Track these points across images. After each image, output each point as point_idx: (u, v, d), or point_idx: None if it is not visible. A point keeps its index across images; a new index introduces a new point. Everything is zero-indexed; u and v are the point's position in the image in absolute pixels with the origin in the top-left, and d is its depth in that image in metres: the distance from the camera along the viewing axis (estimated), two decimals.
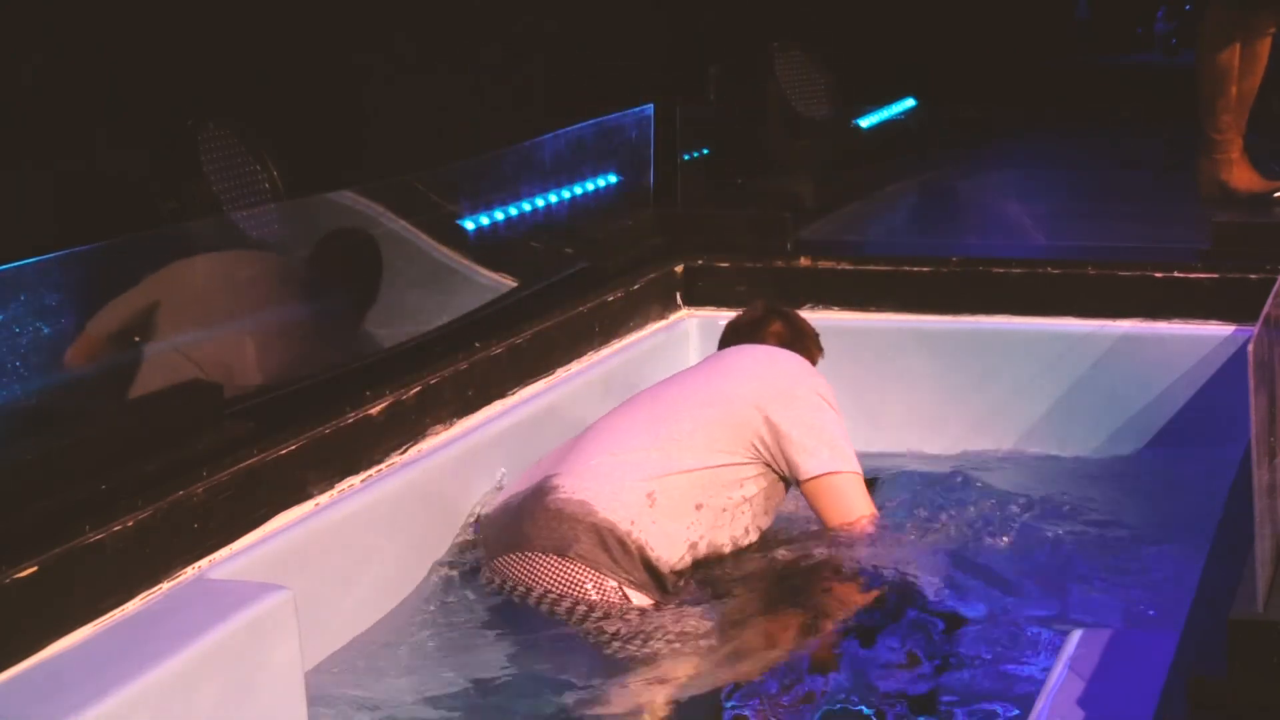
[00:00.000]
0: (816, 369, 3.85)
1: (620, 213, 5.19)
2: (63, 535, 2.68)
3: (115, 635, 2.70)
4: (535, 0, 5.80)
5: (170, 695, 2.60)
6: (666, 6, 6.62)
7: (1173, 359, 4.43)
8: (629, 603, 3.34)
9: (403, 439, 3.54)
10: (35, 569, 2.59)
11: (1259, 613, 2.07)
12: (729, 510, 3.50)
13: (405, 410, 3.55)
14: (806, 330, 4.05)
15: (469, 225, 4.84)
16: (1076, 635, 2.56)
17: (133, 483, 2.88)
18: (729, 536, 3.51)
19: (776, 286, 4.71)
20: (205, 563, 2.96)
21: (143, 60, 4.05)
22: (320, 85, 4.72)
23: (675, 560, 3.42)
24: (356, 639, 3.30)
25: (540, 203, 5.13)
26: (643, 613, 3.33)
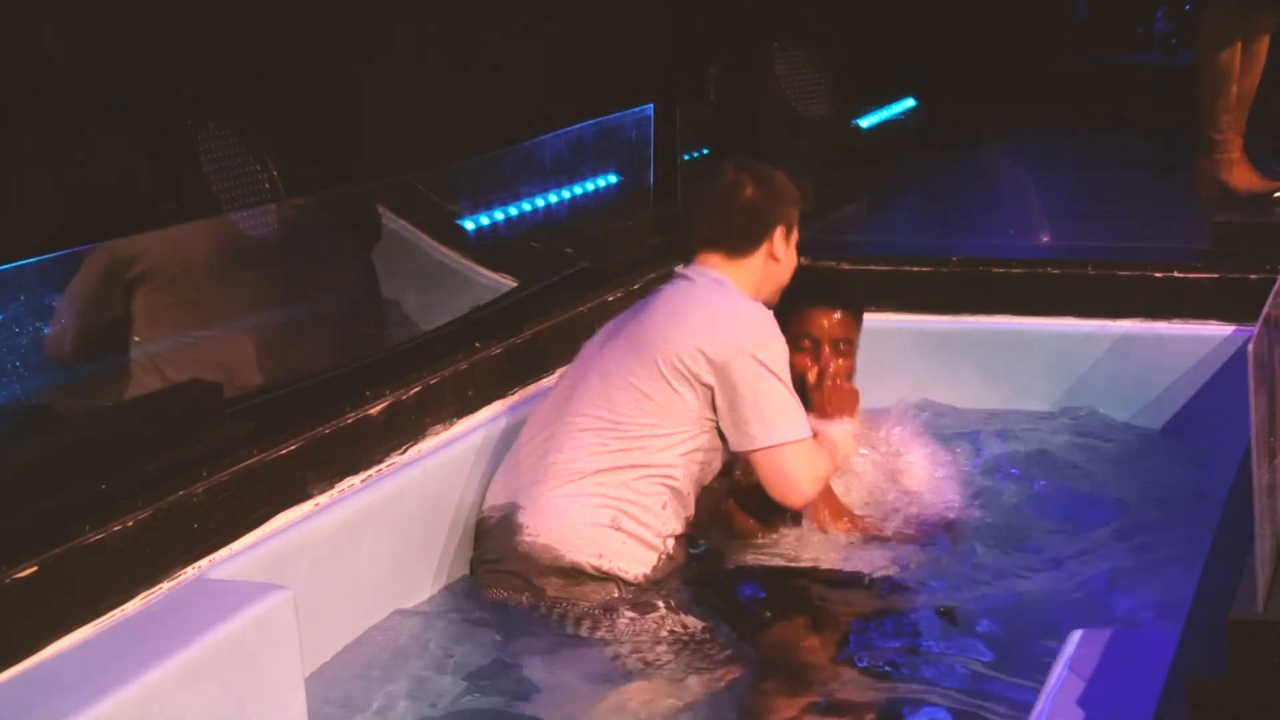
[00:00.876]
0: (758, 316, 3.54)
1: (620, 213, 5.19)
2: (63, 535, 2.68)
3: (115, 635, 2.70)
4: (535, 0, 5.79)
5: (170, 695, 2.60)
6: (667, 6, 6.62)
7: (1173, 359, 4.44)
8: (620, 611, 3.33)
9: (403, 439, 3.54)
10: (35, 569, 2.59)
11: (1259, 613, 2.07)
12: (693, 479, 3.52)
13: (405, 410, 3.55)
14: (783, 190, 3.74)
15: (469, 225, 4.84)
16: (1076, 635, 2.56)
17: (133, 483, 2.88)
18: (695, 489, 3.54)
19: None
20: (205, 563, 2.96)
21: (143, 60, 4.05)
22: (320, 85, 4.71)
23: (656, 556, 3.44)
24: (356, 639, 3.30)
25: (540, 203, 5.14)
26: (634, 619, 3.32)
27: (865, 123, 7.12)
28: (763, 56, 6.28)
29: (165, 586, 2.86)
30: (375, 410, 3.47)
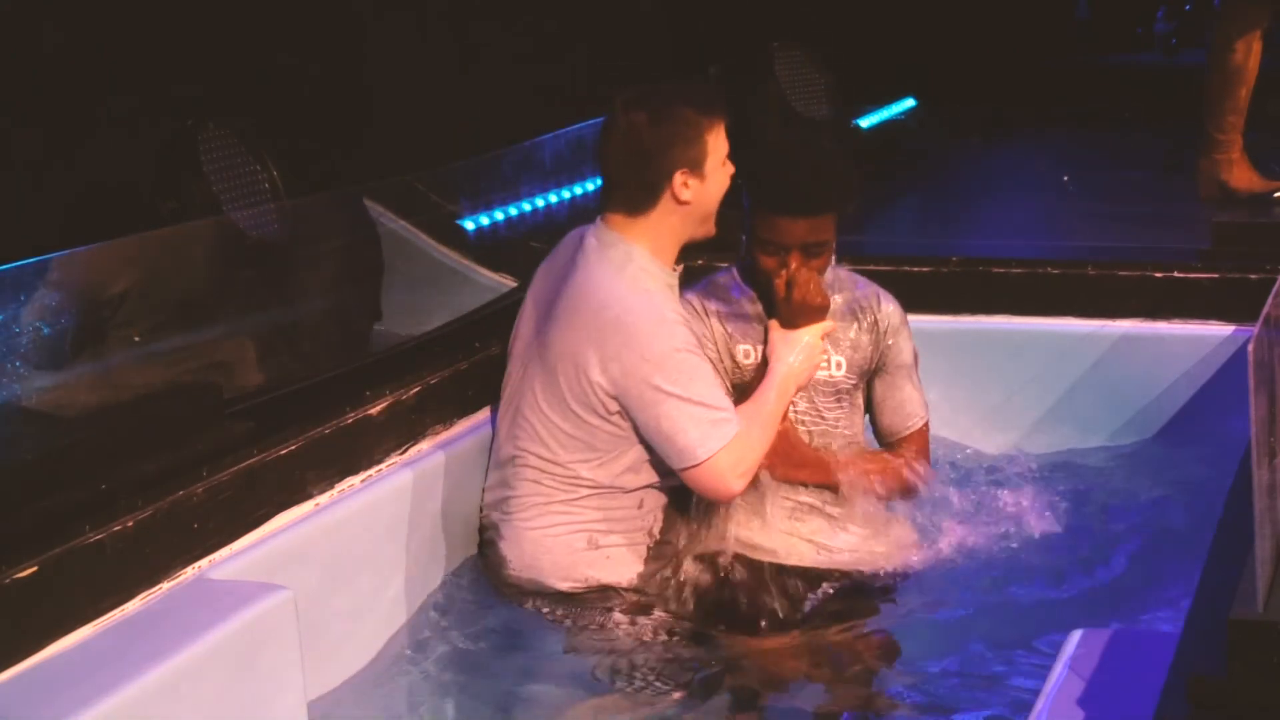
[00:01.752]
0: (647, 328, 3.23)
1: None
2: (63, 535, 2.68)
3: (115, 635, 2.70)
4: (535, 1, 5.79)
5: (170, 695, 2.60)
6: (667, 6, 6.62)
7: (1173, 359, 4.43)
8: (618, 618, 3.33)
9: (403, 439, 3.54)
10: (35, 569, 2.59)
11: (1259, 613, 2.07)
12: (657, 467, 3.36)
13: (405, 410, 3.55)
14: (680, 120, 3.29)
15: (469, 225, 4.84)
16: (1076, 635, 2.56)
17: (133, 483, 2.88)
18: (664, 467, 3.38)
19: None
20: (205, 563, 2.96)
21: (143, 60, 4.05)
22: (320, 85, 4.71)
23: (645, 549, 3.41)
24: (356, 639, 3.30)
25: (540, 203, 5.14)
26: (633, 621, 3.32)
27: (865, 123, 7.12)
28: (763, 56, 6.27)
29: (165, 586, 2.86)
30: (375, 410, 3.47)
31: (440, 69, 5.16)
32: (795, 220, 3.32)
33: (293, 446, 3.22)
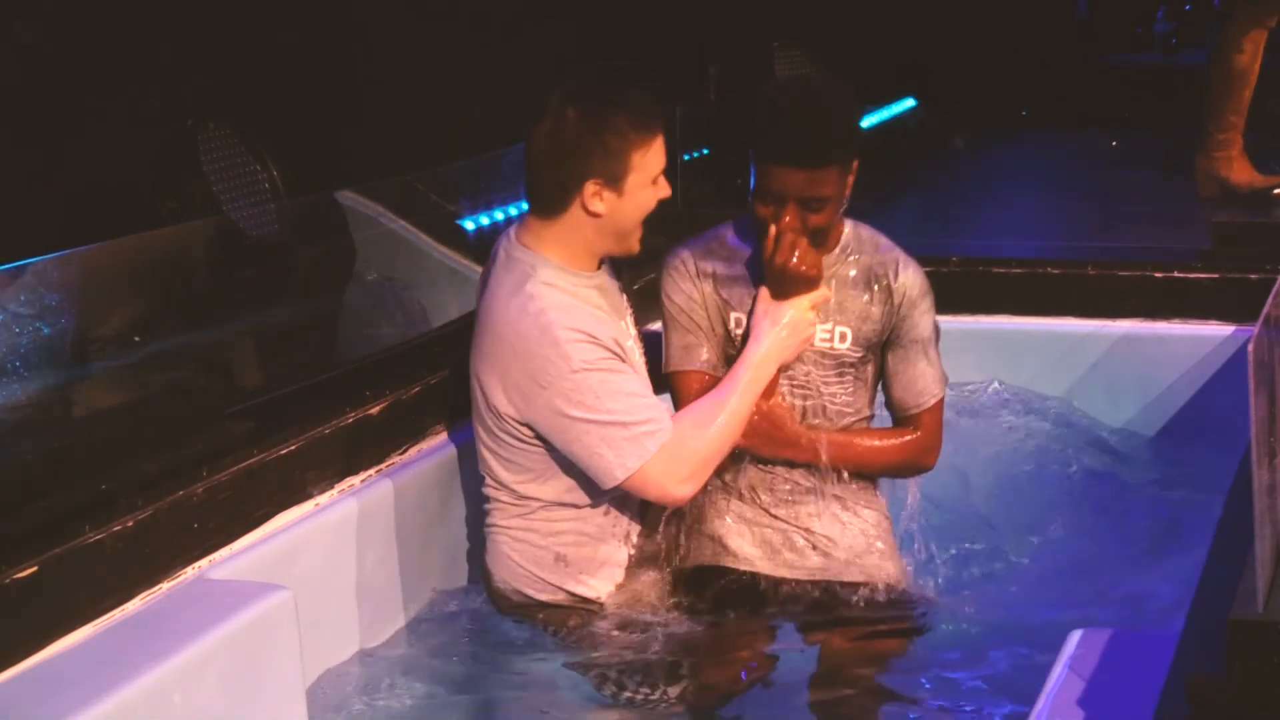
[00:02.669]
0: (546, 350, 3.05)
1: None
2: (63, 535, 2.68)
3: (115, 635, 2.70)
4: (535, 1, 5.80)
5: (170, 695, 2.60)
6: (667, 7, 6.62)
7: (1173, 359, 4.44)
8: (608, 626, 3.29)
9: (403, 439, 3.54)
10: (35, 569, 2.59)
11: (1259, 613, 2.07)
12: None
13: (405, 410, 3.55)
14: (605, 128, 3.08)
15: (469, 225, 4.84)
16: (1076, 635, 2.56)
17: (133, 483, 2.88)
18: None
19: None
20: (205, 563, 2.96)
21: (142, 60, 4.05)
22: (320, 85, 4.71)
23: (626, 557, 3.31)
24: (356, 639, 3.30)
25: None
26: (624, 623, 3.31)
27: (865, 123, 7.12)
28: (763, 56, 6.28)
29: (165, 586, 2.86)
30: (375, 410, 3.47)
31: (441, 69, 5.16)
32: (792, 171, 3.10)
33: (293, 446, 3.22)
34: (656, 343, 3.45)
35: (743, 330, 3.30)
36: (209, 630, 2.72)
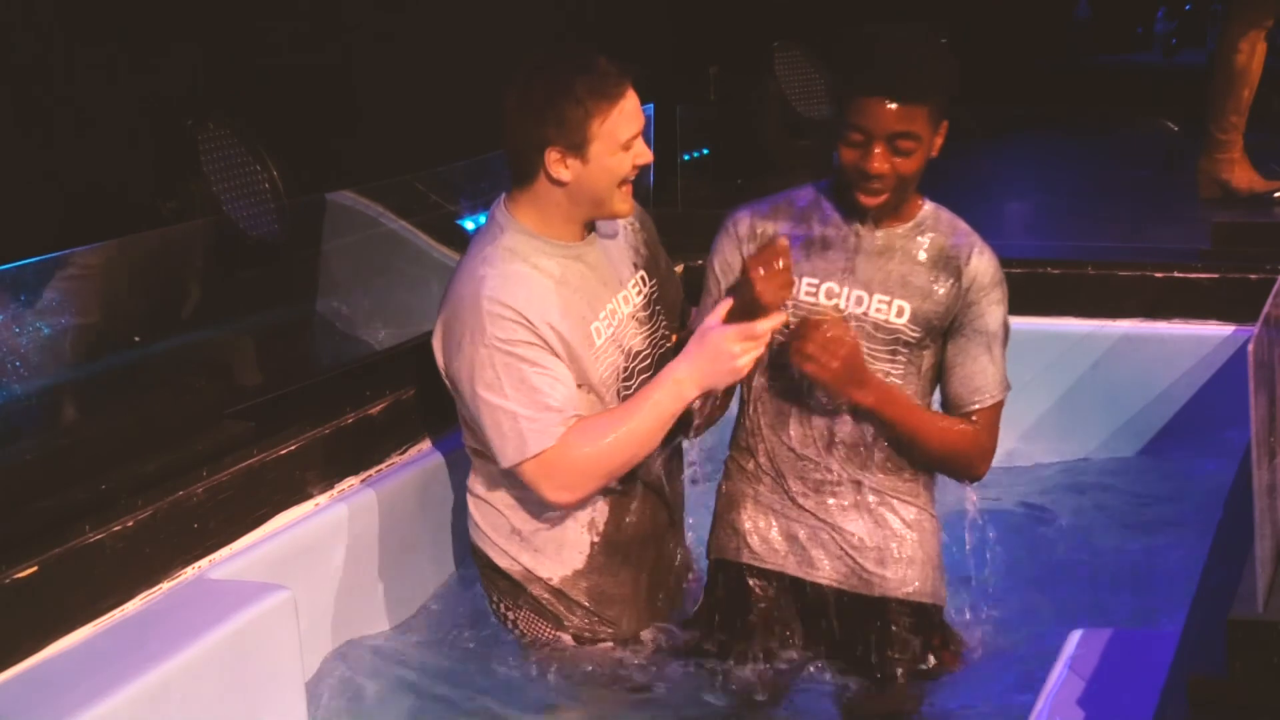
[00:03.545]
0: (479, 323, 3.02)
1: None
2: (63, 535, 2.68)
3: (115, 635, 2.70)
4: (535, 0, 5.80)
5: (170, 695, 2.60)
6: (667, 6, 6.62)
7: (1173, 359, 4.43)
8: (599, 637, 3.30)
9: (403, 439, 3.54)
10: (35, 569, 2.59)
11: (1259, 613, 2.07)
12: None
13: (405, 410, 3.55)
14: (568, 90, 3.01)
15: (469, 225, 4.83)
16: (1076, 635, 2.57)
17: (133, 483, 2.88)
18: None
19: None
20: (205, 563, 2.96)
21: (142, 59, 4.05)
22: (320, 85, 4.71)
23: (588, 555, 3.23)
24: (356, 639, 3.30)
25: None
26: (570, 635, 3.29)
27: None
28: (763, 57, 6.28)
29: (165, 586, 2.86)
30: (375, 410, 3.47)
31: (441, 68, 5.16)
32: (885, 104, 2.95)
33: (293, 446, 3.22)
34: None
35: (803, 294, 3.14)
36: (209, 630, 2.72)
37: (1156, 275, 4.52)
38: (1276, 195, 5.41)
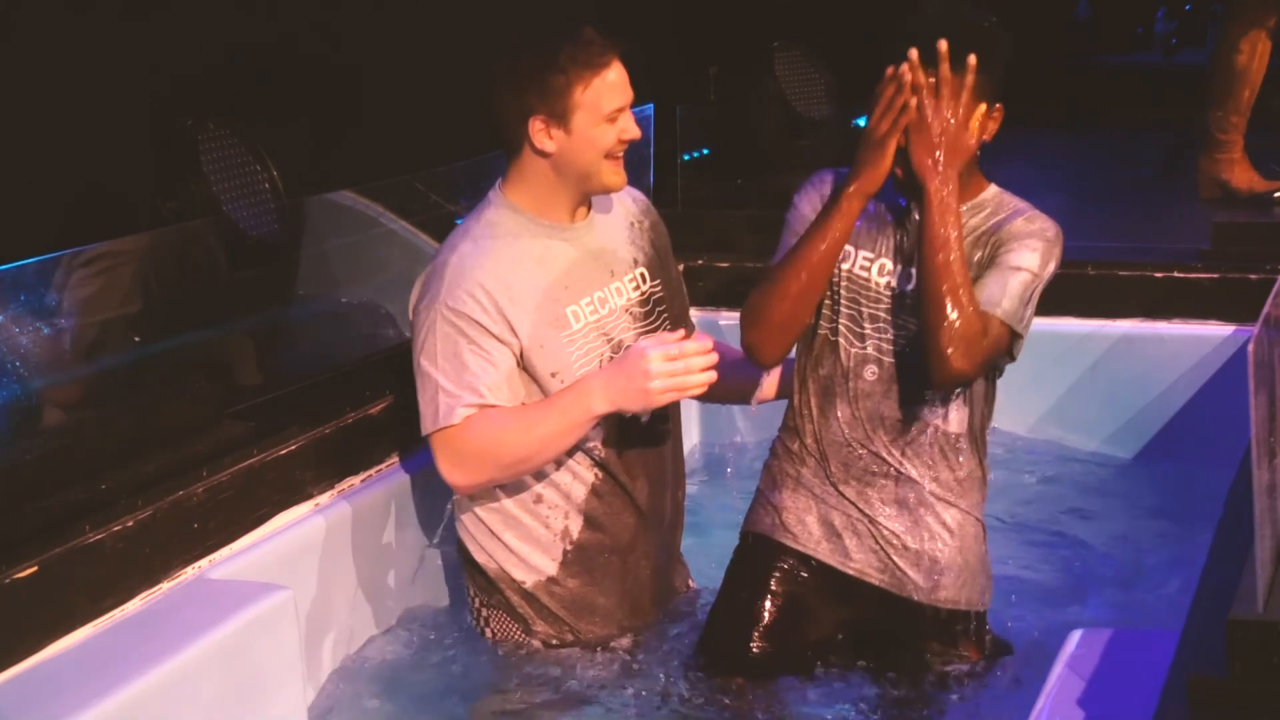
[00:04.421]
0: (434, 301, 3.06)
1: None
2: (63, 535, 2.68)
3: (115, 635, 2.70)
4: (535, 1, 5.79)
5: (170, 695, 2.60)
6: (667, 7, 6.62)
7: (1173, 359, 4.43)
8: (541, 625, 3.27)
9: (402, 439, 3.54)
10: (35, 569, 2.60)
11: (1259, 613, 2.07)
12: (565, 471, 3.20)
13: (405, 410, 3.54)
14: (549, 59, 3.05)
15: None
16: (1076, 635, 2.57)
17: (133, 483, 2.88)
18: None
19: None
20: (205, 563, 2.96)
21: (142, 60, 4.05)
22: (320, 85, 4.71)
23: (560, 563, 3.21)
24: (356, 639, 3.30)
25: None
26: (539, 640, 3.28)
27: (864, 122, 7.11)
28: (763, 56, 6.27)
29: (165, 586, 2.86)
30: (375, 410, 3.47)
31: (441, 67, 5.16)
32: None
33: (293, 446, 3.22)
34: None
35: (857, 268, 3.11)
36: (209, 630, 2.72)
37: (1156, 275, 4.52)
38: (1276, 195, 5.41)
